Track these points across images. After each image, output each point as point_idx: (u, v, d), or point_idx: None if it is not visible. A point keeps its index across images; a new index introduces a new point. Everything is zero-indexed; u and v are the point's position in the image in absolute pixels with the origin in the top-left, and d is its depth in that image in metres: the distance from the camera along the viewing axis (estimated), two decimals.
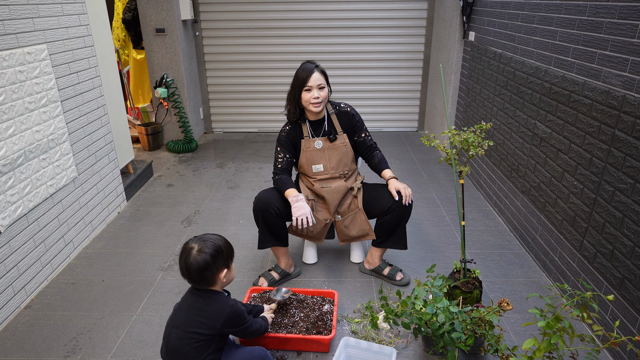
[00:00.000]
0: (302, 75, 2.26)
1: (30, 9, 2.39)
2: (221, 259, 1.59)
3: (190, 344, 1.56)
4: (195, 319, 1.57)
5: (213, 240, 1.60)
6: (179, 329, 1.58)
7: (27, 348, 2.05)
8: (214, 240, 1.60)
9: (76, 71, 2.81)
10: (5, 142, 2.19)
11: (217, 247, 1.58)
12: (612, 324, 1.98)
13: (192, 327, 1.57)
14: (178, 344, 1.57)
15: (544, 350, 1.34)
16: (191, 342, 1.56)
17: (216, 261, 1.57)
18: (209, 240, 1.59)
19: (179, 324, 1.60)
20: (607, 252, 2.00)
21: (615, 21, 1.95)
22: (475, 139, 2.02)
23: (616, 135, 1.93)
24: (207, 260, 1.55)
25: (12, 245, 2.26)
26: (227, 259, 1.62)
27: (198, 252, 1.56)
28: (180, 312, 1.63)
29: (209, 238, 1.60)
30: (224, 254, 1.60)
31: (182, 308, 1.63)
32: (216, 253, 1.57)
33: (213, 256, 1.56)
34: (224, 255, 1.60)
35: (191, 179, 3.98)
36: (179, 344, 1.57)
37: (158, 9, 4.35)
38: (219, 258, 1.58)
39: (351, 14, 4.82)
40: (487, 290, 2.41)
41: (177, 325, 1.60)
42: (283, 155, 2.39)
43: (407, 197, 2.26)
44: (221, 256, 1.59)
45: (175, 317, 1.64)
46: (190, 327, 1.57)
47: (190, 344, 1.56)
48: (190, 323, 1.57)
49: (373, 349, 1.84)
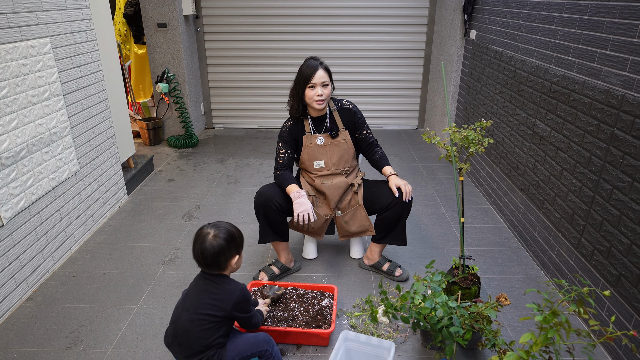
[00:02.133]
0: (306, 72, 2.27)
1: (33, 2, 2.40)
2: (234, 245, 1.66)
3: (201, 325, 1.61)
4: (207, 301, 1.63)
5: (227, 226, 1.67)
6: (189, 311, 1.63)
7: (29, 339, 2.07)
8: (228, 227, 1.67)
9: (78, 65, 2.82)
10: (8, 135, 2.20)
11: (231, 233, 1.65)
12: (608, 320, 2.00)
13: (203, 309, 1.62)
14: (188, 326, 1.61)
15: (541, 345, 1.36)
16: (202, 323, 1.61)
17: (230, 246, 1.64)
18: (222, 226, 1.66)
19: (189, 306, 1.64)
20: (604, 249, 2.02)
21: (616, 21, 1.96)
22: (476, 137, 2.04)
23: (615, 134, 1.95)
24: (222, 245, 1.61)
25: (15, 238, 2.27)
26: (239, 245, 1.69)
27: (214, 237, 1.62)
28: (191, 295, 1.67)
29: (223, 225, 1.67)
30: (237, 241, 1.68)
31: (193, 292, 1.68)
32: (230, 239, 1.64)
33: (227, 241, 1.63)
34: (237, 242, 1.68)
35: (192, 174, 3.99)
36: (189, 325, 1.61)
37: (160, 4, 4.35)
38: (233, 244, 1.65)
39: (353, 11, 4.82)
40: (485, 287, 2.43)
41: (187, 308, 1.64)
42: (285, 151, 2.41)
43: (407, 193, 2.28)
44: (234, 242, 1.66)
45: (185, 301, 1.68)
46: (201, 309, 1.62)
47: (201, 325, 1.61)
48: (201, 305, 1.62)
49: (372, 343, 1.86)
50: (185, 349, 1.63)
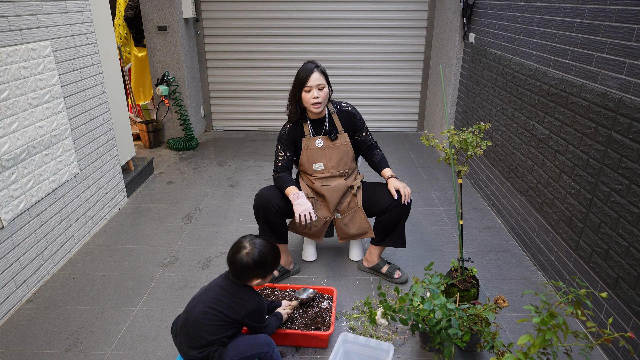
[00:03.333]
0: (302, 75, 2.28)
1: (34, 5, 2.41)
2: (261, 270, 1.69)
3: (213, 320, 1.65)
4: (224, 300, 1.67)
5: (263, 249, 1.69)
6: (205, 304, 1.67)
7: (29, 341, 2.07)
8: (264, 250, 1.69)
9: (79, 68, 2.83)
10: (8, 138, 2.21)
11: (263, 258, 1.68)
12: (606, 322, 2.01)
13: (219, 306, 1.66)
14: (201, 318, 1.66)
15: (539, 346, 1.37)
16: (214, 319, 1.65)
17: (257, 269, 1.68)
18: (259, 247, 1.68)
19: (206, 300, 1.69)
20: (602, 251, 2.03)
21: (613, 24, 1.98)
22: (474, 139, 2.05)
23: (612, 136, 1.96)
24: (249, 265, 1.66)
25: (15, 240, 2.28)
26: (267, 271, 1.72)
27: (246, 254, 1.66)
28: (211, 291, 1.72)
29: (261, 246, 1.69)
30: (267, 267, 1.70)
31: (215, 289, 1.72)
32: (260, 263, 1.67)
33: (256, 264, 1.66)
34: (266, 268, 1.70)
35: (191, 177, 4.00)
36: (201, 317, 1.66)
37: (160, 6, 4.37)
38: (260, 268, 1.68)
39: (352, 14, 4.84)
40: (484, 289, 2.44)
41: (204, 301, 1.69)
42: (284, 154, 2.42)
43: (406, 196, 2.28)
44: (262, 267, 1.69)
45: (204, 295, 1.72)
46: (216, 305, 1.66)
47: (212, 320, 1.65)
48: (218, 303, 1.67)
49: (371, 345, 1.86)
50: (191, 339, 1.67)
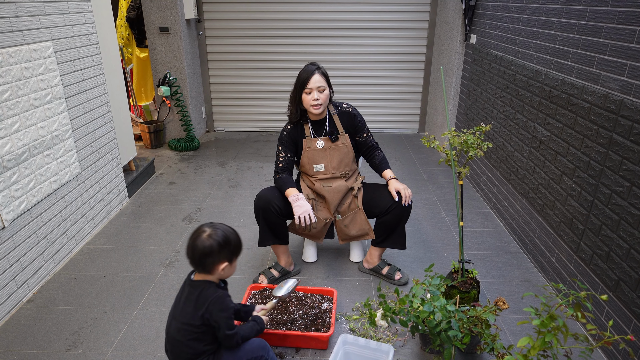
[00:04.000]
0: (302, 77, 2.28)
1: (36, 6, 2.42)
2: (226, 251, 1.59)
3: (187, 336, 1.59)
4: (189, 310, 1.60)
5: (225, 230, 1.61)
6: (177, 320, 1.62)
7: (30, 341, 2.07)
8: (226, 231, 1.61)
9: (81, 68, 2.84)
10: (10, 138, 2.22)
11: (226, 238, 1.59)
12: (606, 325, 2.00)
13: (186, 317, 1.59)
14: (177, 335, 1.61)
15: (539, 349, 1.36)
16: (187, 333, 1.59)
17: (221, 251, 1.58)
18: (221, 229, 1.60)
19: (177, 315, 1.63)
20: (603, 254, 2.03)
21: (614, 26, 1.97)
22: (475, 141, 2.04)
23: (614, 138, 1.96)
24: (213, 246, 1.56)
25: (16, 240, 2.28)
26: (232, 252, 1.62)
27: (207, 237, 1.57)
28: (178, 303, 1.65)
29: (223, 227, 1.62)
30: (231, 247, 1.61)
31: (180, 299, 1.65)
32: (224, 243, 1.58)
33: (220, 245, 1.57)
34: (231, 248, 1.61)
35: (193, 177, 4.00)
36: (177, 335, 1.61)
37: (162, 7, 4.38)
38: (225, 249, 1.59)
39: (354, 16, 4.84)
40: (484, 291, 2.43)
41: (175, 317, 1.63)
42: (284, 155, 2.42)
43: (406, 197, 2.28)
44: (227, 248, 1.59)
45: (174, 309, 1.66)
46: (184, 319, 1.60)
47: (186, 335, 1.59)
48: (185, 314, 1.60)
49: (371, 346, 1.86)
50: (177, 356, 1.63)
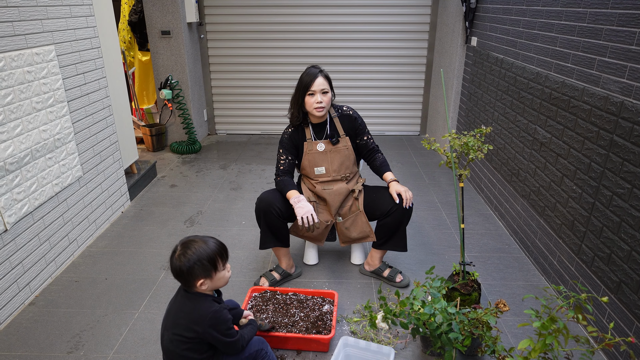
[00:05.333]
0: (306, 79, 2.29)
1: (39, 10, 2.44)
2: (198, 270, 1.54)
3: (180, 346, 1.57)
4: (182, 322, 1.56)
5: (197, 248, 1.55)
6: (169, 331, 1.59)
7: (31, 344, 2.08)
8: (196, 250, 1.54)
9: (83, 72, 2.85)
10: (12, 141, 2.23)
11: (195, 259, 1.53)
12: (608, 327, 1.99)
13: (178, 329, 1.56)
14: (170, 346, 1.59)
15: (539, 351, 1.36)
16: (180, 344, 1.56)
17: (191, 271, 1.53)
18: (191, 248, 1.54)
19: (169, 326, 1.60)
20: (604, 256, 2.02)
21: (614, 28, 1.97)
22: (475, 143, 2.05)
23: (614, 140, 1.96)
24: (182, 268, 1.53)
25: (18, 243, 2.29)
26: (206, 269, 1.55)
27: (177, 257, 1.54)
28: (170, 314, 1.63)
29: (193, 247, 1.55)
30: (202, 266, 1.54)
31: (173, 310, 1.62)
32: (192, 264, 1.53)
33: (188, 267, 1.53)
34: (202, 267, 1.54)
35: (194, 180, 4.01)
36: (170, 345, 1.58)
37: (164, 11, 4.40)
38: (195, 269, 1.53)
39: (355, 19, 4.86)
40: (486, 293, 2.43)
41: (167, 327, 1.61)
42: (285, 158, 2.42)
43: (407, 200, 2.28)
44: (198, 267, 1.53)
45: (166, 319, 1.64)
46: (177, 330, 1.57)
47: (179, 345, 1.57)
48: (177, 326, 1.57)
49: (371, 349, 1.86)
50: None
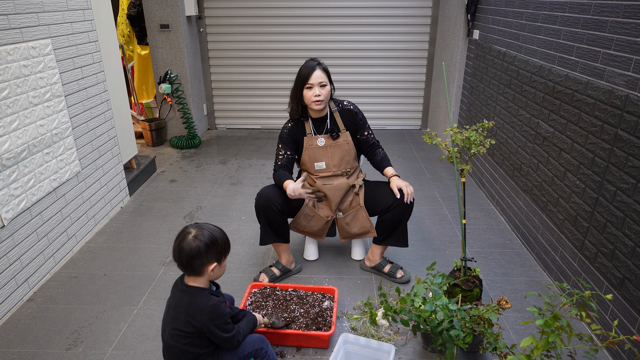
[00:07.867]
0: (303, 72, 2.26)
1: (34, 3, 2.40)
2: (214, 251, 1.56)
3: (180, 340, 1.56)
4: (181, 317, 1.56)
5: (211, 230, 1.57)
6: (169, 327, 1.59)
7: (30, 340, 2.07)
8: (212, 231, 1.57)
9: (80, 66, 2.82)
10: (9, 136, 2.21)
11: (213, 238, 1.55)
12: (612, 324, 1.97)
13: (178, 324, 1.56)
14: (170, 341, 1.59)
15: (542, 349, 1.34)
16: (181, 338, 1.56)
17: (208, 251, 1.54)
18: (207, 229, 1.57)
19: (169, 322, 1.60)
20: (608, 251, 2.00)
21: (620, 20, 1.94)
22: (477, 137, 2.02)
23: (619, 134, 1.92)
24: (200, 248, 1.52)
25: (16, 239, 2.27)
26: (220, 252, 1.58)
27: (193, 238, 1.53)
28: (170, 309, 1.62)
29: (208, 227, 1.58)
30: (219, 247, 1.57)
31: (171, 305, 1.62)
32: (211, 243, 1.54)
33: (207, 245, 1.53)
34: (218, 248, 1.57)
35: (194, 175, 3.99)
36: (171, 340, 1.58)
37: (162, 5, 4.35)
38: (212, 249, 1.55)
39: (356, 12, 4.81)
40: (487, 289, 2.41)
41: (167, 323, 1.60)
42: (284, 153, 2.40)
43: (408, 195, 2.26)
44: (215, 248, 1.55)
45: (166, 315, 1.63)
46: (176, 325, 1.56)
47: (180, 340, 1.56)
48: (176, 320, 1.57)
49: (372, 346, 1.84)
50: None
